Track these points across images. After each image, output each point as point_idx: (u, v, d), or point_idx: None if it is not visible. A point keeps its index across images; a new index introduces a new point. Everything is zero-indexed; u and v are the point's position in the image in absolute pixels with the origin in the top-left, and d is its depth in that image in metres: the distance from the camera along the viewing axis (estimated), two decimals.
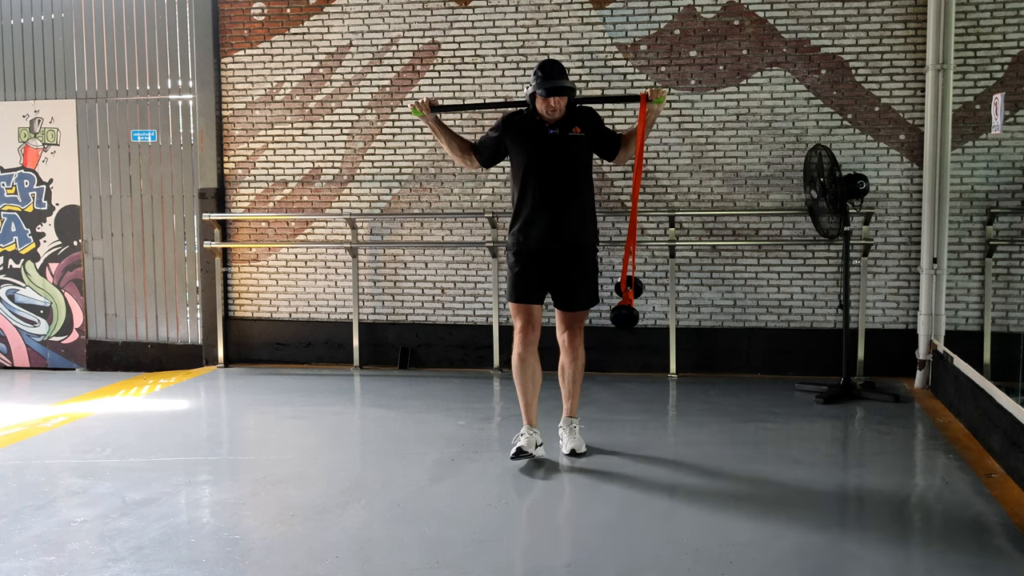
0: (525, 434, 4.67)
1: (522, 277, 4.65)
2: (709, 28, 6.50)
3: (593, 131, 4.70)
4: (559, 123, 4.61)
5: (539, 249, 4.62)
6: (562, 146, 4.62)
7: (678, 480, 4.47)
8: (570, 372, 4.73)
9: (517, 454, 4.59)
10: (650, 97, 4.58)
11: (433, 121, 4.84)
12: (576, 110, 4.69)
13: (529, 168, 4.63)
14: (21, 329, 7.67)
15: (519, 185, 4.66)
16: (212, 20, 7.14)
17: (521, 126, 4.70)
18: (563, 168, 4.63)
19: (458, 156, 4.87)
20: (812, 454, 4.84)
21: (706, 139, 6.57)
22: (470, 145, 4.89)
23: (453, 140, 4.88)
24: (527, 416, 4.72)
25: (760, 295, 6.58)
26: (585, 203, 4.70)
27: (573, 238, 4.64)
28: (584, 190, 4.70)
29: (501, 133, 4.74)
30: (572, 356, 4.71)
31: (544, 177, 4.61)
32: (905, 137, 6.34)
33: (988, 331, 6.17)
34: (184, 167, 7.35)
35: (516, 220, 4.68)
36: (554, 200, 4.60)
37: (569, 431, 4.79)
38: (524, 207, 4.64)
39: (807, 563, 3.43)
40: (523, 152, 4.66)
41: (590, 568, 3.40)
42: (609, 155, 4.77)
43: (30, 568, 3.43)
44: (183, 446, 5.11)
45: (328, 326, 7.20)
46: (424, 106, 4.78)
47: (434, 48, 6.85)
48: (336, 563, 3.46)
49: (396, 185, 7.00)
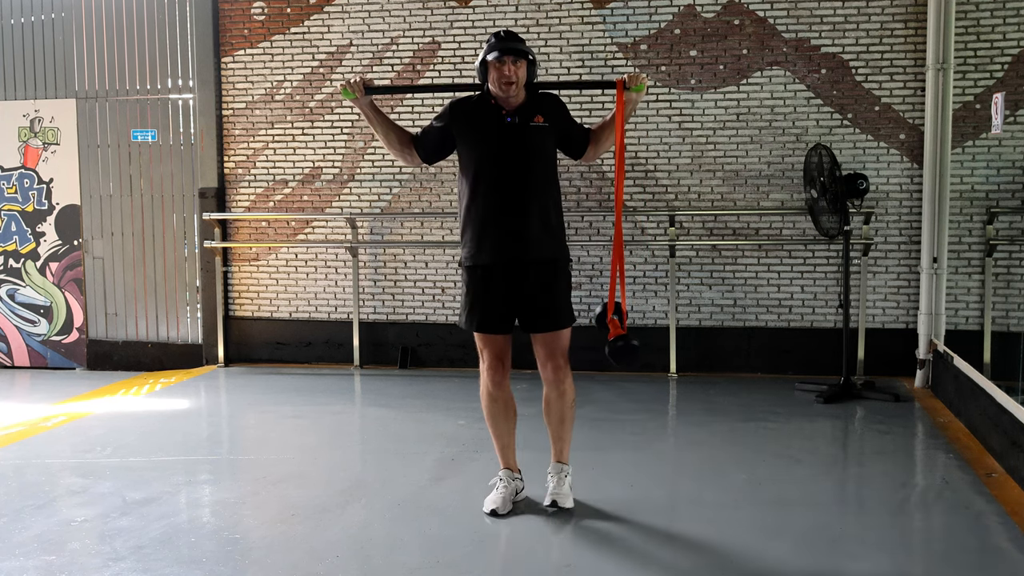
0: (503, 481, 3.97)
1: (480, 300, 3.85)
2: (709, 28, 6.50)
3: (558, 121, 3.88)
4: (519, 110, 3.81)
5: (495, 263, 3.82)
6: (521, 137, 3.80)
7: (678, 480, 4.48)
8: (557, 409, 3.91)
9: (492, 515, 3.87)
10: (627, 84, 3.76)
11: (368, 106, 3.94)
12: (539, 96, 3.89)
13: (482, 163, 3.82)
14: (21, 328, 7.67)
15: (469, 184, 3.85)
16: (212, 19, 7.14)
17: (472, 113, 3.88)
18: (522, 163, 3.80)
19: (395, 149, 3.99)
20: (812, 454, 4.84)
21: (706, 139, 6.57)
22: (411, 137, 4.00)
23: (391, 130, 3.98)
24: (503, 459, 4.00)
25: (760, 295, 6.58)
26: (550, 205, 3.86)
27: (537, 248, 3.82)
28: (549, 190, 3.88)
29: (447, 122, 3.90)
30: (558, 391, 3.88)
31: (500, 174, 3.80)
32: (905, 137, 6.34)
33: (988, 331, 6.18)
34: (184, 166, 7.35)
35: (467, 228, 3.87)
36: (511, 202, 3.79)
37: (558, 479, 3.98)
38: (476, 211, 3.83)
39: (807, 563, 3.43)
40: (474, 144, 3.85)
41: (590, 568, 3.40)
42: (575, 151, 3.97)
43: (30, 567, 3.43)
44: (183, 445, 5.11)
45: (328, 326, 7.21)
46: (357, 87, 3.88)
47: (434, 48, 6.85)
48: (336, 563, 3.46)
49: (396, 185, 7.00)
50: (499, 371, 3.90)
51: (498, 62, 3.75)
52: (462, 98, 4.00)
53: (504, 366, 3.91)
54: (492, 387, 3.92)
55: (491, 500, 3.93)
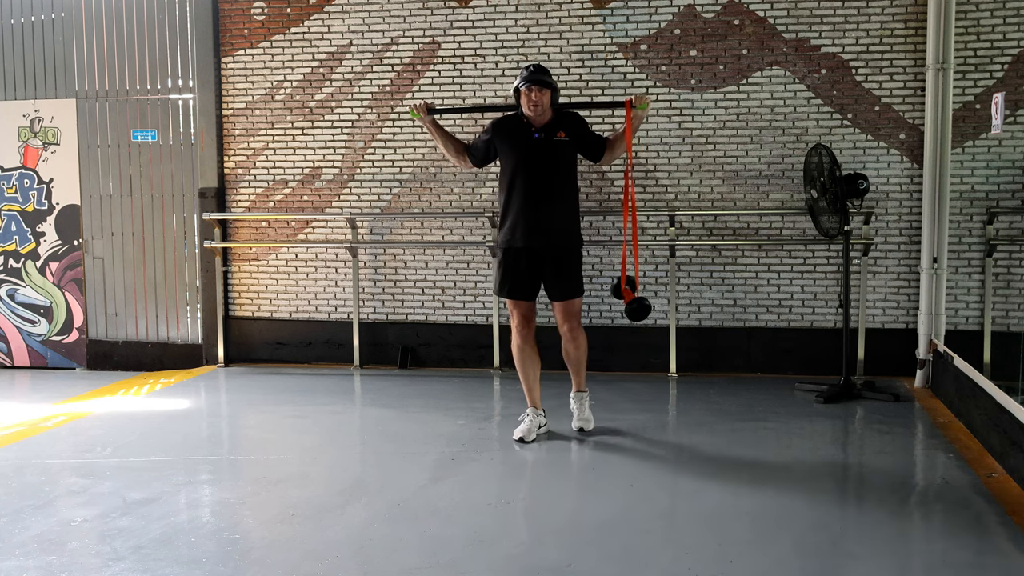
0: (529, 416, 5.02)
1: (510, 274, 4.96)
2: (709, 28, 6.50)
3: (578, 135, 4.97)
4: (545, 128, 4.90)
5: (525, 247, 4.91)
6: (547, 150, 4.89)
7: (678, 479, 4.47)
8: (574, 355, 5.06)
9: (520, 442, 4.94)
10: (635, 103, 4.88)
11: (430, 123, 5.15)
12: (562, 115, 4.98)
13: (516, 170, 4.91)
14: (21, 328, 7.67)
15: (506, 186, 4.95)
16: (212, 20, 7.14)
17: (509, 130, 4.98)
18: (547, 170, 4.89)
19: (453, 156, 5.19)
20: (812, 453, 4.84)
21: (706, 139, 6.57)
22: (464, 146, 5.19)
23: (448, 141, 5.18)
24: (531, 399, 5.06)
25: (760, 294, 6.59)
26: (569, 204, 4.98)
27: (557, 236, 4.92)
28: (568, 191, 4.97)
29: (491, 136, 5.04)
30: (574, 344, 5.03)
31: (529, 179, 4.88)
32: (905, 137, 6.34)
33: (988, 331, 6.18)
34: (184, 167, 7.35)
35: (504, 219, 4.96)
36: (538, 200, 4.87)
37: (579, 404, 5.15)
38: (511, 207, 4.92)
39: (807, 563, 3.43)
40: (510, 155, 4.94)
41: (590, 568, 3.40)
42: (594, 157, 5.06)
43: (30, 567, 3.43)
44: (183, 445, 5.11)
45: (328, 325, 7.21)
46: (421, 109, 5.10)
47: (434, 48, 6.86)
48: (336, 563, 3.46)
49: (396, 185, 7.00)
50: (525, 327, 5.00)
51: (527, 90, 4.83)
52: (503, 117, 5.09)
53: (529, 325, 5.02)
54: (520, 340, 5.01)
55: (519, 430, 4.99)
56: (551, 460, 4.78)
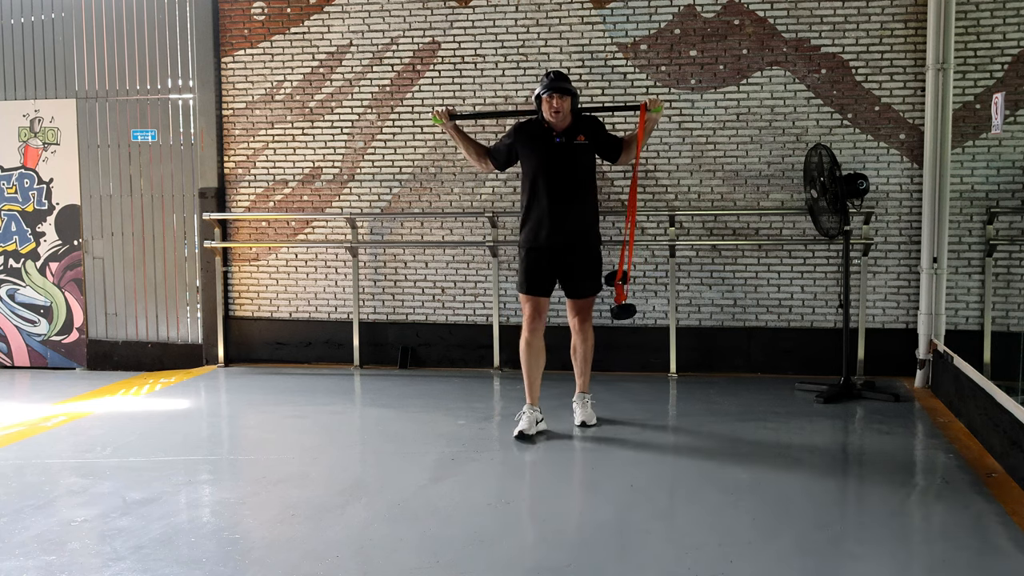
0: (527, 413, 5.07)
1: (531, 271, 5.11)
2: (709, 28, 6.50)
3: (596, 138, 5.14)
4: (565, 131, 5.06)
5: (547, 246, 5.06)
6: (567, 153, 5.05)
7: (678, 479, 4.47)
8: (581, 351, 5.22)
9: (519, 436, 4.97)
10: (649, 107, 5.05)
11: (452, 128, 5.31)
12: (581, 119, 5.14)
13: (538, 172, 5.06)
14: (21, 328, 7.67)
15: (528, 188, 5.11)
16: (212, 20, 7.14)
17: (531, 133, 5.14)
18: (568, 173, 5.05)
19: (475, 160, 5.35)
20: (812, 453, 4.84)
21: (706, 139, 6.57)
22: (486, 150, 5.37)
23: (471, 145, 5.36)
24: (530, 395, 5.12)
25: (760, 294, 6.59)
26: (588, 204, 5.15)
27: (577, 236, 5.09)
28: (587, 192, 5.14)
29: (513, 140, 5.20)
30: (583, 337, 5.20)
31: (551, 181, 5.04)
32: (905, 137, 6.34)
33: (988, 331, 6.18)
34: (184, 167, 7.35)
35: (527, 219, 5.13)
36: (560, 202, 5.03)
37: (581, 404, 5.27)
38: (534, 208, 5.08)
39: (807, 562, 3.43)
40: (532, 158, 5.10)
41: (590, 568, 3.41)
42: (612, 157, 5.24)
43: (30, 567, 3.43)
44: (183, 445, 5.11)
45: (328, 325, 7.21)
46: (444, 115, 5.25)
47: (434, 48, 6.86)
48: (336, 563, 3.46)
49: (396, 185, 7.00)
50: (535, 322, 5.09)
51: (548, 96, 4.99)
52: (524, 121, 5.26)
53: (539, 320, 5.10)
54: (528, 335, 5.09)
55: (519, 425, 5.02)
56: (551, 460, 4.78)
